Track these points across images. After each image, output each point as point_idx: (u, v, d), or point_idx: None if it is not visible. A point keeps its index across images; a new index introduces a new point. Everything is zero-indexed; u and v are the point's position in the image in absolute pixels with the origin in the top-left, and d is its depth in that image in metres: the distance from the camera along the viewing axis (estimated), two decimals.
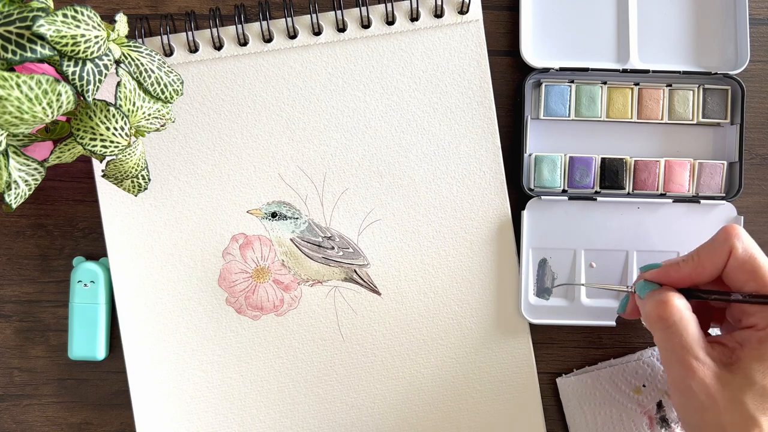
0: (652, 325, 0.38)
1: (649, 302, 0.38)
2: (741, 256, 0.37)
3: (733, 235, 0.38)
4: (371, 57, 0.47)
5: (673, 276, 0.39)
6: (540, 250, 0.48)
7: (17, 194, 0.36)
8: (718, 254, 0.38)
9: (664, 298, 0.38)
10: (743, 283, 0.37)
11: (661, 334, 0.38)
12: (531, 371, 0.48)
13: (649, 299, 0.39)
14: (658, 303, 0.38)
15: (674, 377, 0.37)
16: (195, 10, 0.47)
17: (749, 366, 0.35)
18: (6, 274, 0.48)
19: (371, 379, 0.48)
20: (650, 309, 0.38)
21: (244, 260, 0.47)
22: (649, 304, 0.38)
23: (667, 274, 0.39)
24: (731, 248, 0.37)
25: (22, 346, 0.48)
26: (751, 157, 0.49)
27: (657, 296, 0.38)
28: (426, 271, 0.48)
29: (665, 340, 0.37)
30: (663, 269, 0.40)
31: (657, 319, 0.37)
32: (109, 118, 0.36)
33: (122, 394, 0.48)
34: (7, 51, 0.31)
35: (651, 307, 0.38)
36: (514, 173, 0.48)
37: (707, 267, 0.38)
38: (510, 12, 0.49)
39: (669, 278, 0.39)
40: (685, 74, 0.47)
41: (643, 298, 0.39)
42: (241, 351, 0.47)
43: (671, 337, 0.37)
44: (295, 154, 0.47)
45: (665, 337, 0.37)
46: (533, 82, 0.48)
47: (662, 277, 0.39)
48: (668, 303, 0.37)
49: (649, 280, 0.40)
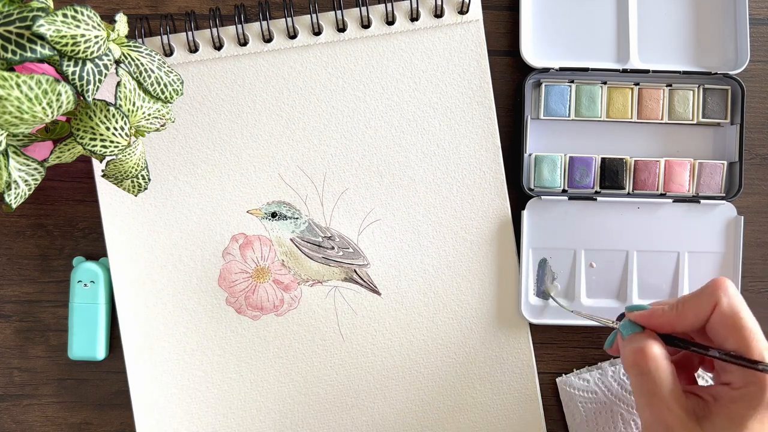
0: (630, 369, 0.38)
1: (628, 346, 0.38)
2: (725, 310, 0.36)
3: (720, 288, 0.37)
4: (371, 57, 0.47)
5: (656, 321, 0.39)
6: (540, 250, 0.48)
7: (17, 194, 0.36)
8: (702, 305, 0.37)
9: (642, 345, 0.37)
10: (724, 339, 0.37)
11: (635, 379, 0.38)
12: (531, 371, 0.48)
13: (629, 343, 0.39)
14: (636, 350, 0.37)
15: (644, 421, 0.37)
16: (195, 10, 0.47)
17: (719, 423, 0.35)
18: (6, 274, 0.48)
19: (371, 379, 0.48)
20: (627, 353, 0.38)
21: (244, 260, 0.47)
22: (627, 348, 0.38)
23: (650, 318, 0.39)
24: (716, 301, 0.37)
25: (22, 346, 0.48)
26: (751, 157, 0.49)
27: (635, 342, 0.38)
28: (426, 271, 0.48)
29: (638, 386, 0.37)
30: (647, 313, 0.39)
31: (633, 365, 0.37)
32: (109, 118, 0.36)
33: (122, 394, 0.48)
34: (7, 51, 0.31)
35: (628, 351, 0.38)
36: (514, 173, 0.48)
37: (689, 317, 0.38)
38: (510, 12, 0.49)
39: (651, 322, 0.39)
40: (685, 74, 0.47)
41: (624, 339, 0.39)
42: (241, 351, 0.47)
43: (644, 384, 0.37)
44: (295, 154, 0.47)
45: (638, 382, 0.37)
46: (533, 82, 0.48)
47: (645, 321, 0.39)
48: (644, 351, 0.37)
49: (633, 321, 0.39)
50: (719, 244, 0.48)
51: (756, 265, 0.49)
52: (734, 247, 0.48)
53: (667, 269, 0.48)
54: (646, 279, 0.48)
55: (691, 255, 0.48)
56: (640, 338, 0.38)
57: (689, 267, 0.48)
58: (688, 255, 0.48)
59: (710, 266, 0.48)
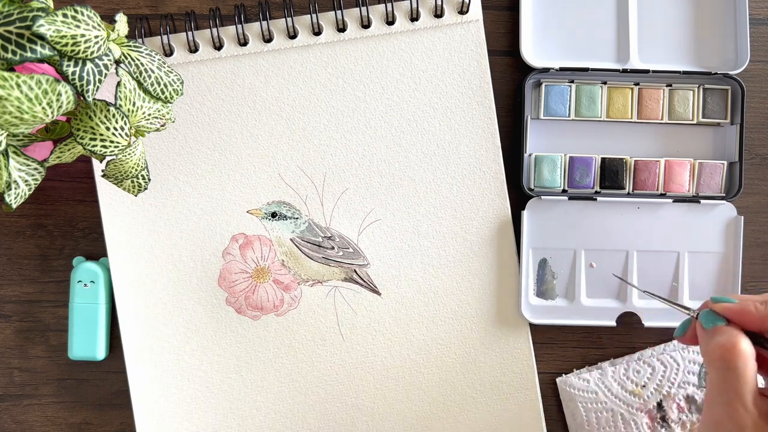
0: (713, 362, 0.36)
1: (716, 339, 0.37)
2: None
3: None
4: (371, 57, 0.47)
5: (746, 318, 0.37)
6: (540, 250, 0.48)
7: (17, 194, 0.36)
8: None
9: (734, 341, 0.36)
10: None
11: (718, 374, 0.36)
12: (531, 371, 0.48)
13: (716, 335, 0.37)
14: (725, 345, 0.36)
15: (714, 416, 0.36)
16: (195, 10, 0.47)
17: None
18: (6, 274, 0.48)
19: (371, 379, 0.48)
20: (715, 347, 0.37)
21: (244, 260, 0.47)
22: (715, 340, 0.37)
23: (740, 313, 0.37)
24: None
25: (22, 346, 0.48)
26: (751, 157, 0.49)
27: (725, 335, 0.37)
28: (426, 271, 0.48)
29: (720, 380, 0.36)
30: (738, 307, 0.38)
31: (719, 359, 0.36)
32: (109, 118, 0.36)
33: (122, 394, 0.48)
34: (7, 51, 0.31)
35: (716, 344, 0.36)
36: (514, 173, 0.48)
37: None
38: (510, 12, 0.48)
39: (741, 318, 0.37)
40: (685, 74, 0.47)
41: (707, 330, 0.38)
42: (241, 351, 0.47)
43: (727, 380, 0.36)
44: (295, 154, 0.47)
45: (721, 377, 0.36)
46: (533, 82, 0.48)
47: (734, 315, 0.38)
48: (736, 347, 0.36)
49: (719, 313, 0.38)
50: (719, 244, 0.48)
51: (756, 265, 0.49)
52: (734, 247, 0.48)
53: (667, 269, 0.48)
54: (646, 279, 0.48)
55: (691, 255, 0.48)
56: (730, 332, 0.37)
57: (689, 267, 0.48)
58: (688, 255, 0.48)
59: (710, 266, 0.48)
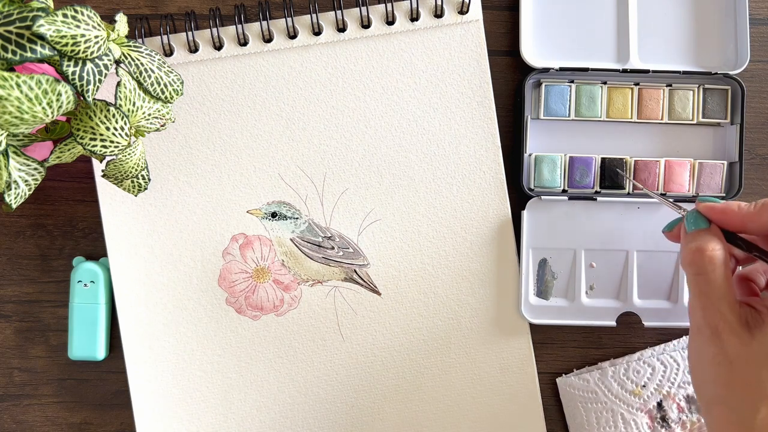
0: (685, 266, 0.38)
1: (689, 244, 0.38)
2: None
3: None
4: (371, 57, 0.47)
5: (727, 216, 0.38)
6: (540, 250, 0.48)
7: (17, 194, 0.36)
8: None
9: (703, 246, 0.37)
10: None
11: (691, 278, 0.37)
12: (531, 371, 0.48)
13: (690, 240, 0.38)
14: (695, 248, 0.37)
15: (695, 322, 0.37)
16: (195, 10, 0.47)
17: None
18: (6, 274, 0.48)
19: (371, 379, 0.48)
20: (686, 251, 0.37)
21: (244, 260, 0.47)
22: (687, 246, 0.38)
23: (722, 212, 0.38)
24: None
25: (22, 346, 0.48)
26: (751, 157, 0.49)
27: (697, 239, 0.37)
28: (426, 271, 0.48)
29: (693, 284, 0.37)
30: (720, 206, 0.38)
31: (690, 263, 0.37)
32: (109, 118, 0.36)
33: (122, 394, 0.48)
34: (7, 51, 0.31)
35: (688, 249, 0.37)
36: (514, 173, 0.48)
37: (765, 217, 0.37)
38: (510, 12, 0.49)
39: (722, 217, 0.38)
40: (685, 74, 0.47)
41: (687, 233, 0.39)
42: (241, 351, 0.47)
43: (699, 284, 0.36)
44: (295, 154, 0.47)
45: (694, 281, 0.37)
46: (533, 82, 0.48)
47: (716, 215, 0.38)
48: (704, 251, 0.36)
49: (702, 213, 0.39)
50: None
51: None
52: None
53: (667, 269, 0.48)
54: (646, 279, 0.48)
55: None
56: (702, 236, 0.37)
57: None
58: None
59: None
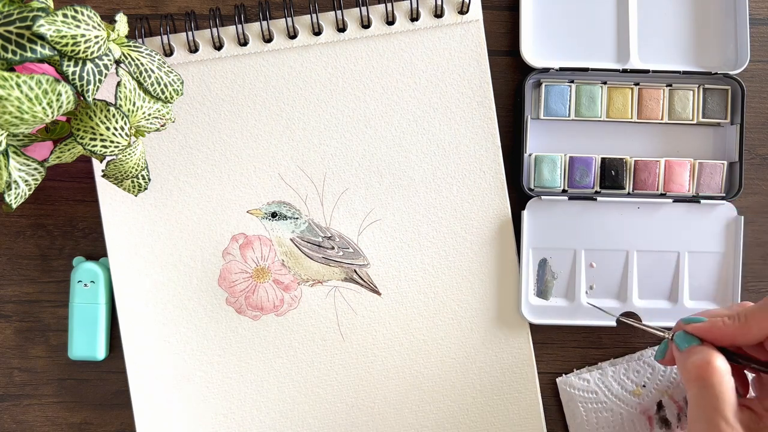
0: (690, 382, 0.37)
1: (691, 359, 0.38)
2: None
3: None
4: (371, 57, 0.47)
5: (717, 334, 0.38)
6: (540, 250, 0.48)
7: (17, 194, 0.36)
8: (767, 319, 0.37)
9: (707, 359, 0.37)
10: None
11: (696, 391, 0.37)
12: (531, 371, 0.48)
13: (691, 355, 0.38)
14: (700, 363, 0.37)
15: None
16: (195, 10, 0.47)
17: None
18: (6, 274, 0.48)
19: (371, 379, 0.48)
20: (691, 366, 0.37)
21: (244, 260, 0.47)
22: (690, 360, 0.38)
23: (710, 330, 0.38)
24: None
25: (22, 346, 0.48)
26: (751, 157, 0.49)
27: (699, 354, 0.37)
28: (426, 271, 0.48)
29: (699, 398, 0.37)
30: (706, 326, 0.38)
31: (696, 378, 0.37)
32: (109, 118, 0.36)
33: (122, 394, 0.48)
34: (7, 51, 0.31)
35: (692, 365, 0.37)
36: (514, 173, 0.48)
37: (754, 330, 0.37)
38: (510, 12, 0.49)
39: (712, 335, 0.38)
40: (685, 74, 0.47)
41: (682, 351, 0.39)
42: (241, 351, 0.47)
43: (705, 396, 0.36)
44: (295, 154, 0.47)
45: (700, 395, 0.36)
46: (533, 82, 0.48)
47: (705, 334, 0.38)
48: (711, 365, 0.36)
49: (691, 333, 0.39)
50: (719, 244, 0.48)
51: (756, 265, 0.49)
52: (734, 247, 0.48)
53: (667, 269, 0.48)
54: (646, 279, 0.48)
55: (691, 255, 0.48)
56: (703, 351, 0.37)
57: (689, 267, 0.48)
58: (688, 255, 0.48)
59: (710, 266, 0.48)
